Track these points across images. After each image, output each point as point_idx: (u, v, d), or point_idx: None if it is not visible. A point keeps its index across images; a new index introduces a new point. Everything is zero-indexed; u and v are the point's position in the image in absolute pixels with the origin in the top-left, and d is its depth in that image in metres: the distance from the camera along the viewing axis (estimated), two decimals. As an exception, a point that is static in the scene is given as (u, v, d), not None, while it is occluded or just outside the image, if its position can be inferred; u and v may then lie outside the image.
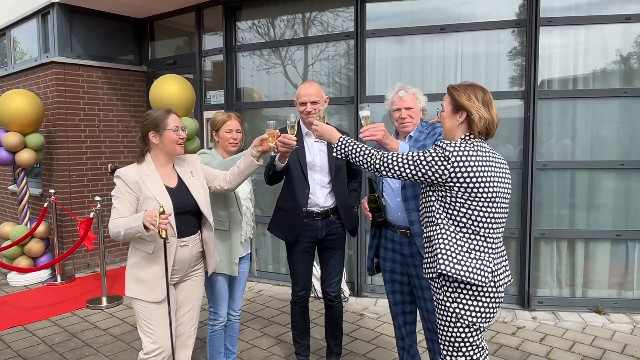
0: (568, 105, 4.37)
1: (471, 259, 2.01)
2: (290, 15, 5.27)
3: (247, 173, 2.59)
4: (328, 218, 3.11)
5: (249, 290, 5.05)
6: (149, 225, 2.11)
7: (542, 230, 4.43)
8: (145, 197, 2.32)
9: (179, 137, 2.42)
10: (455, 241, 2.03)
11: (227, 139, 2.93)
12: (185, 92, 4.63)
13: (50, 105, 5.76)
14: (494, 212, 2.02)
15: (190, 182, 2.49)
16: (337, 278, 3.24)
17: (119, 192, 2.33)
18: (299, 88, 3.09)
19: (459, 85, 2.14)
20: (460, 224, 2.03)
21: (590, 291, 4.45)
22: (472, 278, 2.00)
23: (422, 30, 4.62)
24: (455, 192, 2.01)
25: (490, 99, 2.08)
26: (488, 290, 2.02)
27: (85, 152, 5.94)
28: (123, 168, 2.39)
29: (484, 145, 2.07)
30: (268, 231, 3.32)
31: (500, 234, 2.12)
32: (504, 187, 2.06)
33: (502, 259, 2.12)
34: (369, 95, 4.79)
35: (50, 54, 5.83)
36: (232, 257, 2.87)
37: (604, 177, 4.37)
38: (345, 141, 2.32)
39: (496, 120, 2.07)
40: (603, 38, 4.28)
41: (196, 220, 2.52)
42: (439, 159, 2.00)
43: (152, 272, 2.35)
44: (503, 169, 2.09)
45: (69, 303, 4.80)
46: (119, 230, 2.23)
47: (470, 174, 1.98)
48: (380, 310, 4.49)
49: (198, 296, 2.62)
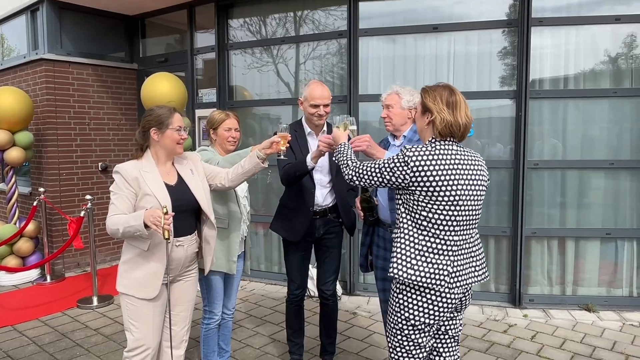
0: (559, 105, 4.41)
1: (426, 263, 2.02)
2: (283, 13, 5.26)
3: (250, 174, 2.58)
4: (326, 217, 3.12)
5: (242, 289, 5.03)
6: (151, 225, 2.09)
7: (533, 229, 4.47)
8: (144, 194, 2.30)
9: (180, 137, 2.41)
10: (414, 245, 2.06)
11: (225, 137, 2.93)
12: (177, 90, 4.60)
13: (39, 102, 5.69)
14: (456, 214, 2.01)
15: (190, 180, 2.47)
16: (333, 276, 3.24)
17: (117, 188, 2.30)
18: (311, 89, 2.99)
19: (430, 86, 2.15)
20: (421, 227, 2.05)
21: (580, 289, 4.50)
22: (422, 282, 2.02)
23: (415, 30, 4.64)
24: (417, 195, 2.03)
25: (458, 100, 2.06)
26: (439, 292, 2.03)
27: (76, 150, 5.89)
28: (123, 164, 2.36)
29: (450, 148, 2.06)
30: (271, 229, 3.30)
31: (468, 235, 2.09)
32: (471, 189, 2.04)
33: (469, 260, 2.11)
34: (362, 94, 4.80)
35: (39, 51, 5.76)
36: (231, 255, 2.87)
37: (594, 177, 4.42)
38: (341, 148, 2.40)
39: (462, 122, 2.05)
40: (593, 38, 4.33)
41: (194, 219, 2.51)
42: (400, 164, 2.03)
43: (146, 270, 2.33)
44: (474, 170, 2.07)
45: (59, 303, 4.75)
46: (117, 227, 2.21)
47: (429, 178, 1.98)
48: (373, 309, 4.50)
49: (191, 297, 2.61)
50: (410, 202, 2.06)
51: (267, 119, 5.54)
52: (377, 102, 4.71)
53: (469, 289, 2.15)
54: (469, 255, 2.12)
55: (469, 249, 2.12)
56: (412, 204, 2.06)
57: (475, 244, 2.17)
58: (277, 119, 5.47)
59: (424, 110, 2.13)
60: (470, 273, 2.12)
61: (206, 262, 2.59)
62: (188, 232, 2.45)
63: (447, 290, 2.03)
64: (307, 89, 3.02)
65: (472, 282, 2.12)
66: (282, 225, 3.20)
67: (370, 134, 4.74)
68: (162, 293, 2.38)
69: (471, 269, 2.12)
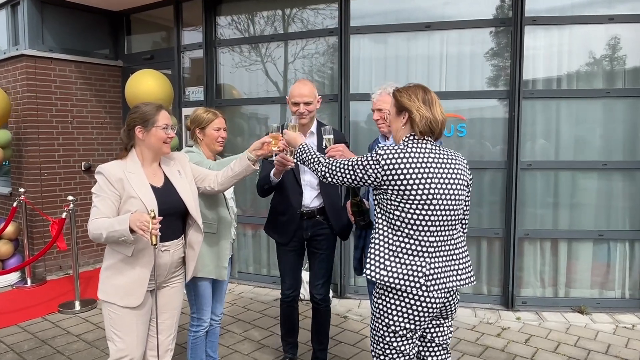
0: (552, 105, 4.37)
1: (400, 264, 1.96)
2: (272, 10, 5.15)
3: (240, 177, 2.47)
4: (314, 218, 3.06)
5: (229, 293, 4.90)
6: (137, 230, 1.98)
7: (525, 230, 4.42)
8: (129, 196, 2.17)
9: (167, 136, 2.29)
10: (387, 245, 2.01)
11: (214, 137, 2.81)
12: (163, 88, 4.46)
13: (20, 100, 5.51)
14: (430, 214, 1.95)
15: (177, 182, 2.36)
16: (322, 280, 3.16)
17: (100, 189, 2.17)
18: (292, 87, 3.00)
19: (402, 87, 2.12)
20: (395, 227, 2.00)
21: (572, 291, 4.46)
22: (396, 283, 1.95)
23: (407, 28, 4.56)
24: (389, 194, 1.98)
25: (433, 98, 2.04)
26: (417, 294, 1.95)
27: (58, 150, 5.71)
28: (106, 164, 2.24)
29: (424, 146, 2.01)
30: (265, 232, 3.28)
31: (446, 237, 2.02)
32: (448, 188, 1.98)
33: (450, 262, 2.03)
34: (353, 93, 4.71)
35: (20, 46, 5.57)
36: (221, 260, 2.76)
37: (587, 178, 4.39)
38: (302, 148, 2.34)
39: (440, 118, 2.03)
40: (587, 38, 4.29)
41: (181, 223, 2.40)
42: (372, 162, 1.99)
43: (130, 276, 2.21)
44: (450, 169, 2.01)
45: (40, 307, 4.58)
46: (100, 232, 2.09)
47: (400, 176, 1.94)
48: (365, 312, 4.42)
49: (177, 304, 2.49)
50: (384, 202, 2.02)
51: (255, 118, 5.43)
52: (368, 101, 4.63)
53: (452, 293, 2.07)
54: (449, 257, 2.04)
55: (449, 250, 2.04)
56: (386, 204, 2.02)
57: (458, 246, 2.09)
58: (265, 119, 5.37)
59: (399, 111, 2.09)
60: (452, 276, 2.03)
61: (189, 269, 2.46)
62: (175, 236, 2.34)
63: (426, 293, 1.95)
64: (291, 88, 3.04)
65: (455, 286, 2.03)
66: (272, 227, 3.19)
67: (361, 135, 4.79)
68: (146, 301, 2.26)
69: (452, 272, 2.04)
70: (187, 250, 2.43)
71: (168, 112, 2.35)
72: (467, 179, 2.09)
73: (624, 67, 4.28)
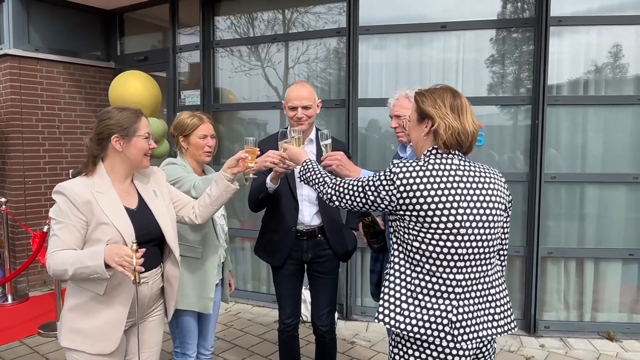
0: (578, 112, 4.02)
1: (420, 308, 1.61)
2: (275, 10, 4.81)
3: (221, 201, 2.12)
4: (315, 239, 2.68)
5: (226, 313, 4.53)
6: (116, 267, 1.63)
7: (549, 248, 4.06)
8: (99, 222, 1.79)
9: (149, 147, 1.94)
10: (404, 284, 1.65)
11: (201, 146, 2.43)
12: (151, 91, 4.08)
13: (3, 103, 5.14)
14: (457, 245, 1.60)
15: (153, 204, 1.99)
16: (327, 309, 2.78)
17: (62, 214, 1.78)
18: (289, 90, 2.65)
19: (427, 89, 1.76)
20: (414, 262, 1.64)
21: (600, 315, 4.09)
22: (415, 332, 1.60)
23: (421, 28, 4.21)
24: (407, 222, 1.63)
25: (463, 104, 1.69)
26: (442, 345, 1.59)
27: (44, 156, 5.34)
28: (68, 182, 1.85)
29: (450, 162, 1.66)
30: (255, 254, 2.88)
31: (479, 273, 1.66)
32: (479, 214, 1.63)
33: (483, 305, 1.67)
34: (361, 98, 4.36)
35: (4, 45, 5.21)
36: (206, 290, 2.39)
37: (616, 191, 4.02)
38: (306, 166, 2.02)
39: (470, 129, 1.67)
40: (616, 41, 3.95)
41: (158, 250, 2.02)
42: (386, 182, 1.65)
43: (102, 318, 1.83)
44: (483, 190, 1.66)
45: (19, 329, 4.19)
46: (64, 268, 1.71)
47: (420, 199, 1.59)
48: (373, 336, 4.04)
49: (157, 340, 2.12)
50: (401, 230, 1.67)
51: (254, 123, 5.07)
52: (377, 107, 4.32)
53: (487, 343, 1.69)
54: (482, 299, 1.66)
55: (482, 290, 1.66)
56: (403, 233, 1.66)
57: (494, 284, 1.71)
58: (265, 124, 5.02)
59: (421, 118, 1.72)
60: (486, 322, 1.65)
61: (168, 307, 2.09)
62: (153, 265, 1.96)
63: (452, 344, 1.59)
64: (287, 90, 2.68)
65: (490, 335, 1.65)
66: (263, 248, 2.80)
67: (371, 143, 4.42)
68: (121, 345, 1.89)
69: (487, 317, 1.66)
70: (166, 287, 2.06)
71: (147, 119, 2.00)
72: (505, 201, 1.72)
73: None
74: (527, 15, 4.04)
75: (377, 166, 4.31)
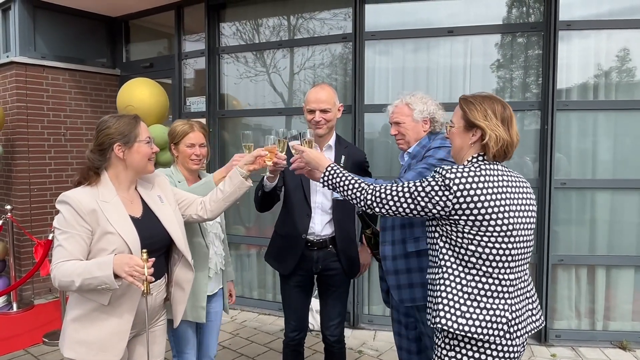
0: (588, 117, 3.96)
1: (481, 309, 1.65)
2: (280, 15, 4.79)
3: (234, 197, 2.09)
4: (326, 249, 2.63)
5: (231, 321, 4.48)
6: (126, 277, 1.61)
7: (560, 255, 3.99)
8: (104, 232, 1.77)
9: (152, 151, 1.92)
10: (461, 287, 1.68)
11: (188, 155, 2.40)
12: (158, 98, 4.06)
13: (9, 110, 5.15)
14: (511, 247, 1.69)
15: (159, 210, 1.96)
16: (337, 320, 2.73)
17: (66, 224, 1.75)
18: (309, 92, 2.61)
19: (474, 97, 1.77)
20: (469, 265, 1.68)
21: (612, 324, 4.01)
22: (479, 333, 1.63)
23: (428, 33, 4.17)
24: (462, 226, 1.67)
25: (511, 115, 1.76)
26: (501, 344, 1.64)
27: (49, 164, 5.33)
28: (72, 191, 1.82)
29: (497, 168, 1.72)
30: (265, 260, 2.84)
31: (523, 273, 1.76)
32: (524, 216, 1.73)
33: (525, 301, 1.77)
34: (367, 103, 4.32)
35: (10, 53, 5.22)
36: (198, 300, 2.36)
37: (628, 198, 3.95)
38: (333, 172, 1.93)
39: (515, 141, 1.74)
40: (626, 44, 3.89)
41: (164, 259, 2.00)
42: (439, 189, 1.68)
43: (106, 329, 1.80)
44: (523, 194, 1.76)
45: (24, 337, 4.17)
46: (71, 279, 1.68)
47: (477, 204, 1.65)
48: (381, 345, 3.98)
49: (160, 350, 2.09)
50: (453, 235, 1.69)
51: (259, 129, 5.04)
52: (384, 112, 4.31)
53: (527, 337, 1.76)
54: (525, 296, 1.76)
55: (524, 288, 1.76)
56: (456, 237, 1.69)
57: (530, 282, 1.81)
58: (271, 131, 4.98)
59: (469, 127, 1.75)
60: (529, 318, 1.75)
61: (176, 313, 2.07)
62: (159, 275, 1.94)
63: (509, 342, 1.65)
64: (307, 93, 2.64)
65: (532, 329, 1.75)
66: (273, 254, 2.75)
67: (378, 149, 4.37)
68: (125, 356, 1.85)
69: (529, 312, 1.76)
70: (175, 291, 2.03)
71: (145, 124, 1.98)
72: (535, 205, 1.81)
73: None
74: (535, 20, 3.99)
75: (384, 172, 4.27)
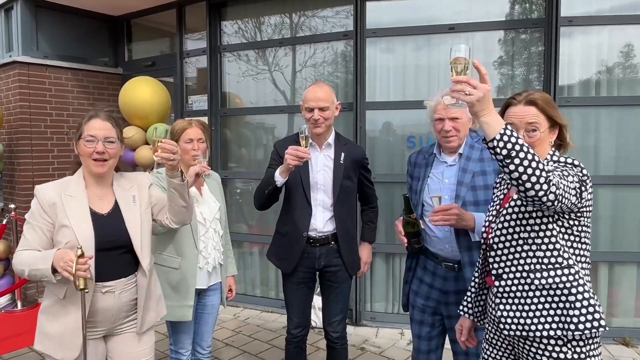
0: (590, 113, 3.95)
1: (597, 306, 1.59)
2: (281, 14, 4.79)
3: (176, 198, 1.96)
4: (328, 246, 2.63)
5: (234, 319, 4.50)
6: (60, 271, 1.62)
7: (562, 252, 3.98)
8: (61, 225, 1.79)
9: (93, 151, 1.85)
10: (584, 282, 1.63)
11: (187, 150, 2.41)
12: (160, 96, 4.07)
13: (12, 109, 5.17)
14: None
15: (127, 210, 1.94)
16: (339, 316, 2.74)
17: (31, 215, 1.83)
18: (307, 91, 2.61)
19: (542, 96, 1.72)
20: (582, 258, 1.67)
21: (615, 320, 4.02)
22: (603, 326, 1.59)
23: (429, 30, 4.17)
24: (584, 221, 1.66)
25: None
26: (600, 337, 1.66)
27: (52, 163, 5.35)
28: (44, 184, 1.87)
29: None
30: (267, 258, 2.86)
31: None
32: None
33: None
34: (369, 101, 4.32)
35: (13, 53, 5.25)
36: (185, 299, 2.38)
37: (630, 194, 3.95)
38: (511, 133, 1.46)
39: None
40: (629, 40, 3.88)
41: (132, 258, 1.94)
42: (582, 182, 1.61)
43: (64, 323, 1.81)
44: None
45: (27, 336, 4.18)
46: (22, 268, 1.74)
47: (592, 196, 1.66)
48: (383, 342, 3.99)
49: (142, 351, 2.03)
50: (574, 230, 1.65)
51: (262, 128, 5.05)
52: (385, 110, 4.31)
53: None
54: None
55: None
56: (576, 233, 1.65)
57: None
58: (273, 129, 5.00)
59: (553, 125, 1.74)
60: None
61: (138, 318, 1.97)
62: (122, 274, 1.90)
63: None
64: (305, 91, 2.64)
65: None
66: (275, 253, 2.76)
67: (379, 147, 4.37)
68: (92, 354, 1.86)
69: None
70: (138, 298, 1.98)
71: (113, 122, 1.93)
72: None
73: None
74: (537, 16, 3.99)
75: (386, 169, 4.28)
